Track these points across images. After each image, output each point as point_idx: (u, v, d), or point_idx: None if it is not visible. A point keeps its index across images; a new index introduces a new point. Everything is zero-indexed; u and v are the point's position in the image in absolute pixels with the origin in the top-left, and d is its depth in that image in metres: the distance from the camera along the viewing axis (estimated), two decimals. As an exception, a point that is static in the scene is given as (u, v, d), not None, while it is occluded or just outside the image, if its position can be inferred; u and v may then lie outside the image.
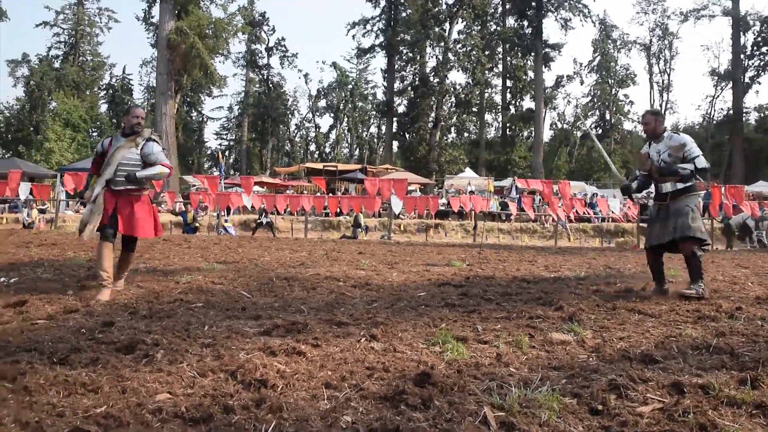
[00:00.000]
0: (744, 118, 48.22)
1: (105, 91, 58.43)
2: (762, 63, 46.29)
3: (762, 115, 51.17)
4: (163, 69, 33.35)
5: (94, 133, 48.30)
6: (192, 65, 34.48)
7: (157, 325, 3.61)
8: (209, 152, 62.68)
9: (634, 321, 4.02)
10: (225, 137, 63.73)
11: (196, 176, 27.53)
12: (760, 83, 47.09)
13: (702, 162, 5.14)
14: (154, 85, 40.50)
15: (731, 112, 47.69)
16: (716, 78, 52.55)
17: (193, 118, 58.29)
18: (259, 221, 21.38)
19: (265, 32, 57.11)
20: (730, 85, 48.29)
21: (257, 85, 59.52)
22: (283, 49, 57.83)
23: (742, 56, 46.15)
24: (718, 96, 54.04)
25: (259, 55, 58.00)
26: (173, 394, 2.29)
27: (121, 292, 5.11)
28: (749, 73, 46.79)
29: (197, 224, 21.66)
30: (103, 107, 56.80)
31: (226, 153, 60.43)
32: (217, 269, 7.21)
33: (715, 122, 53.92)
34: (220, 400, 2.23)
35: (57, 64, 52.11)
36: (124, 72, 60.30)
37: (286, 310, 4.31)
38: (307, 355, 2.92)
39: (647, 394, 2.34)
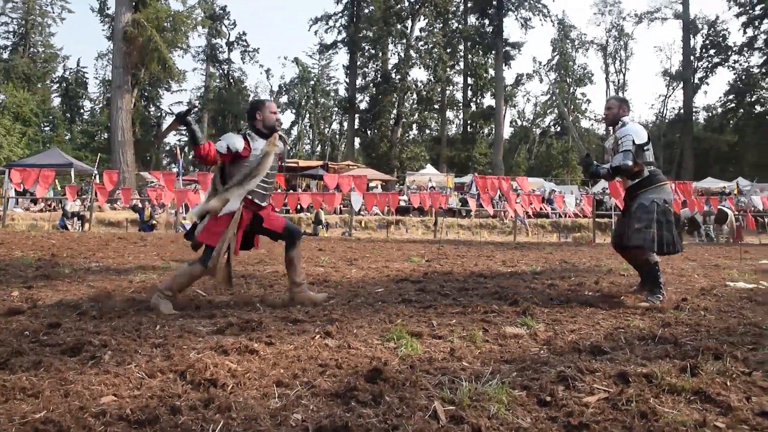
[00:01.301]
0: (693, 118, 49.95)
1: (58, 84, 56.54)
2: (710, 65, 48.19)
3: (710, 114, 53.01)
4: (119, 62, 32.50)
5: (46, 128, 46.79)
6: (150, 59, 33.75)
7: (107, 326, 3.51)
8: (168, 148, 61.42)
9: (586, 314, 4.11)
10: (184, 133, 62.51)
11: (152, 173, 26.91)
12: (708, 84, 48.98)
13: (618, 160, 4.74)
14: (110, 78, 39.41)
15: (682, 111, 49.38)
16: (668, 78, 54.34)
17: (152, 113, 56.90)
18: None
19: (225, 26, 56.30)
20: (681, 85, 49.96)
21: (217, 80, 58.55)
22: (244, 43, 57.15)
23: (691, 58, 47.86)
24: (670, 96, 55.87)
25: (220, 49, 57.10)
26: (119, 396, 2.23)
27: (69, 291, 4.97)
28: (698, 75, 48.65)
29: (154, 222, 21.24)
30: (56, 101, 55.09)
31: (186, 149, 59.31)
32: (173, 267, 7.08)
33: (667, 121, 55.59)
34: (168, 400, 2.18)
35: (5, 56, 50.15)
36: (78, 65, 58.60)
37: (242, 308, 4.25)
38: (260, 354, 2.89)
39: (594, 385, 2.40)
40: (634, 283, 5.77)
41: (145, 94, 53.26)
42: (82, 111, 58.26)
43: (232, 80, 57.78)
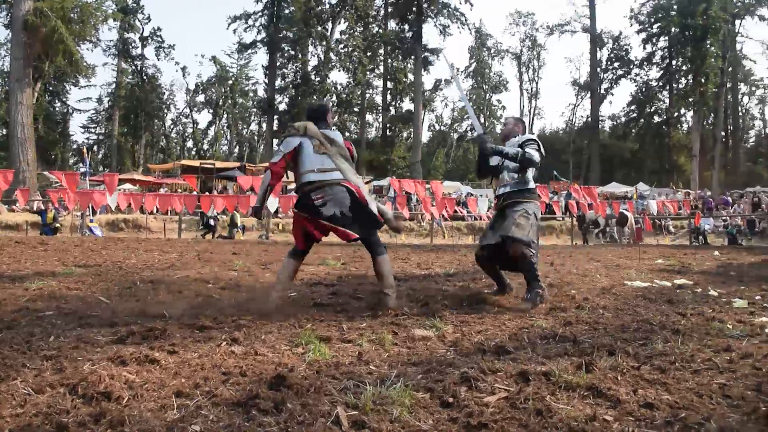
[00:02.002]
0: (600, 126, 53.00)
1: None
2: (614, 77, 51.51)
3: (615, 123, 56.37)
4: (19, 53, 30.34)
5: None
6: (54, 51, 31.78)
7: (-8, 338, 3.26)
8: (75, 146, 58.07)
9: (493, 314, 4.23)
10: (93, 131, 59.36)
11: (52, 172, 25.31)
12: (613, 94, 52.21)
13: (530, 153, 4.74)
14: (8, 70, 36.81)
15: (589, 119, 52.20)
16: (577, 88, 57.40)
17: (57, 108, 53.55)
18: (207, 223, 20.38)
19: (139, 21, 53.97)
20: (589, 95, 52.81)
21: (130, 77, 56.02)
22: (159, 39, 54.99)
23: (598, 70, 50.76)
24: (579, 104, 59.11)
25: (133, 44, 54.63)
26: (-1, 415, 2.07)
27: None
28: (604, 85, 51.82)
29: (58, 224, 20.08)
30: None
31: (95, 148, 56.35)
32: (76, 273, 6.69)
33: (576, 128, 58.55)
34: (54, 417, 2.04)
35: None
36: (-28, 54, 54.35)
37: (146, 316, 4.06)
38: (161, 363, 2.76)
39: (495, 384, 2.45)
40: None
41: (50, 88, 50.22)
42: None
43: (145, 77, 55.46)
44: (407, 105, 50.86)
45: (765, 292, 5.63)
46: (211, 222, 20.59)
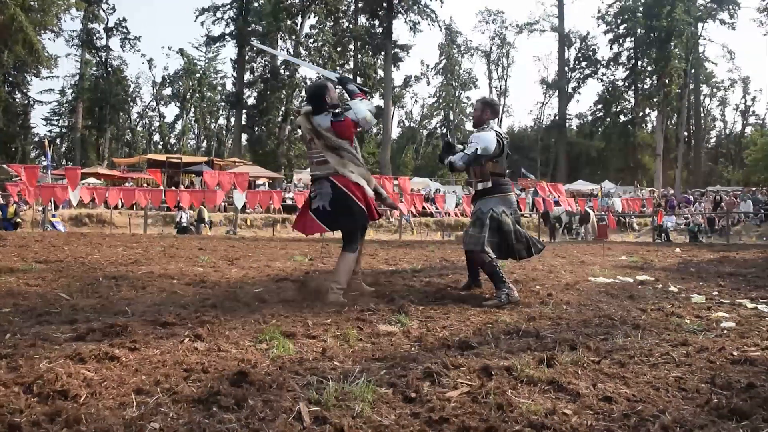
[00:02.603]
0: (567, 124, 53.86)
1: None
2: (582, 76, 52.37)
3: (581, 122, 57.36)
4: (-24, 43, 29.51)
5: None
6: (13, 40, 30.91)
7: (-57, 338, 3.15)
8: (36, 139, 56.48)
9: (458, 310, 4.25)
10: (56, 123, 57.93)
11: (11, 166, 24.52)
12: (580, 93, 53.13)
13: (457, 158, 4.90)
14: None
15: (557, 118, 52.97)
16: (545, 86, 58.15)
17: (17, 100, 51.96)
18: (181, 224, 19.93)
19: (104, 11, 52.78)
20: (557, 93, 53.61)
21: (94, 68, 54.68)
22: (125, 30, 53.79)
23: (566, 69, 51.53)
24: (547, 103, 59.85)
25: (97, 35, 53.32)
26: (-55, 418, 1.99)
27: None
28: (572, 84, 52.62)
29: (19, 219, 19.52)
30: None
31: (57, 141, 54.98)
32: (35, 269, 6.49)
33: (544, 126, 59.35)
34: (6, 417, 1.97)
35: None
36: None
37: (108, 313, 3.97)
38: (121, 360, 2.69)
39: (458, 379, 2.46)
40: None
41: (10, 79, 48.70)
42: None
43: (110, 69, 54.18)
44: (377, 101, 50.83)
45: (722, 287, 5.79)
46: (184, 222, 20.25)
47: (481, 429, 1.88)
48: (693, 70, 47.16)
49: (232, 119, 54.18)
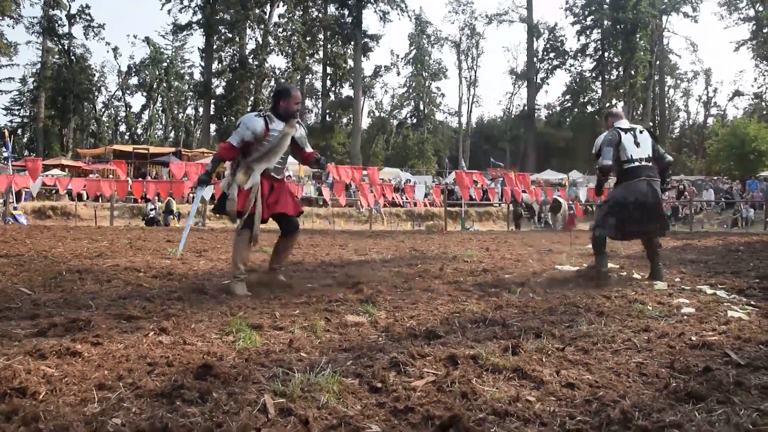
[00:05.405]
0: (536, 114, 54.45)
1: None
2: (550, 67, 52.98)
3: (550, 112, 58.00)
4: (-70, 30, 28.40)
5: None
6: (-31, 28, 29.88)
7: None
8: (-7, 131, 54.73)
9: (426, 300, 4.27)
10: (17, 113, 56.20)
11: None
12: (548, 84, 53.82)
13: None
14: None
15: (526, 108, 53.50)
16: (514, 77, 58.60)
17: (-23, 88, 50.29)
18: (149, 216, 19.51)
19: (66, -3, 51.14)
20: (525, 84, 54.06)
21: (56, 56, 53.02)
22: (88, 18, 52.15)
23: (534, 59, 52.02)
24: (516, 93, 60.35)
25: (59, 22, 51.54)
26: None
27: None
28: (540, 75, 53.18)
29: (-23, 212, 18.93)
30: None
31: (19, 131, 53.40)
32: (-7, 263, 6.33)
33: (513, 117, 59.86)
34: (-40, 417, 1.92)
35: None
36: None
37: (71, 307, 3.88)
38: (83, 355, 2.64)
39: (424, 369, 2.48)
40: (475, 269, 6.12)
41: (-33, 67, 47.12)
42: None
43: (73, 57, 52.64)
44: (347, 91, 50.72)
45: (684, 274, 5.93)
46: (152, 213, 19.90)
47: (445, 417, 1.89)
48: (658, 62, 48.05)
49: (201, 109, 53.19)
